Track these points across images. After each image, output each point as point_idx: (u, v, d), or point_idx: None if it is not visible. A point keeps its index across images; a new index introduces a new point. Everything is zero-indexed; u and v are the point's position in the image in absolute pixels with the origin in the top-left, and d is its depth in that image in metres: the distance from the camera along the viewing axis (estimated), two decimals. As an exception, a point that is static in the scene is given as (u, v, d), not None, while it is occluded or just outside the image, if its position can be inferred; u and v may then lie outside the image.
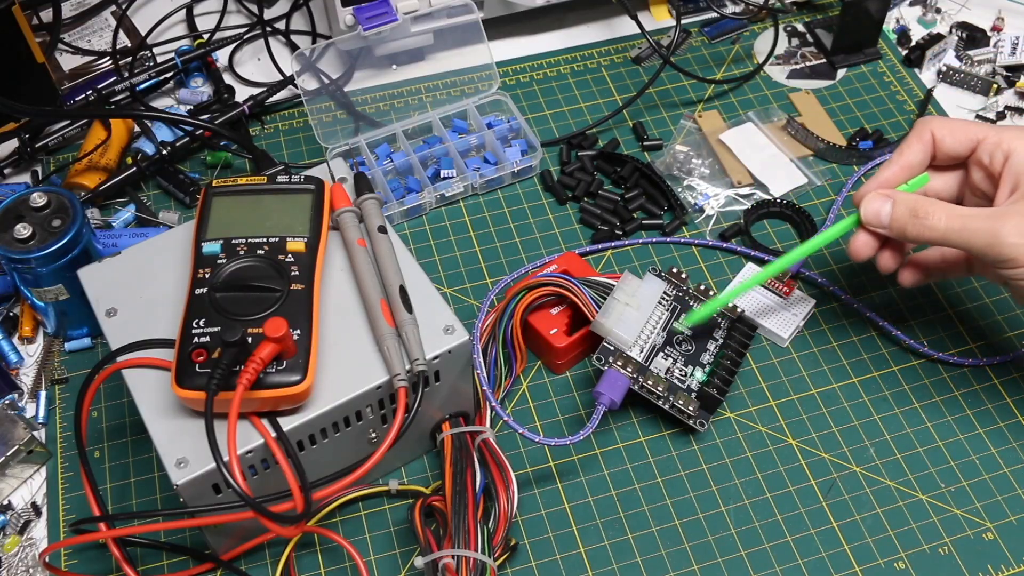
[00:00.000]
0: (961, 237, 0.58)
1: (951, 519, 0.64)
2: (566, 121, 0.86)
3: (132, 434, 0.67)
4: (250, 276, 0.57)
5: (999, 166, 0.60)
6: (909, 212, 0.60)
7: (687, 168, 0.82)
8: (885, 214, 0.61)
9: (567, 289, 0.67)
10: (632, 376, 0.64)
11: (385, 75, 0.88)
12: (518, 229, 0.79)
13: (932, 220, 0.59)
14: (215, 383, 0.51)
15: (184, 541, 0.62)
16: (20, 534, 0.63)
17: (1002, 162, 0.60)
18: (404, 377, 0.56)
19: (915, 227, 0.59)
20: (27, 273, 0.66)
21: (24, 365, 0.71)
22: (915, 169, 0.63)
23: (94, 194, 0.78)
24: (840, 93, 0.88)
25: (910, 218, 0.59)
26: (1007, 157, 0.59)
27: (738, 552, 0.62)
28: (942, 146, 0.62)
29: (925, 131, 0.63)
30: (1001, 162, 0.60)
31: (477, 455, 0.61)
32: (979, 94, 0.88)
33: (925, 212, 0.59)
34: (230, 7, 0.95)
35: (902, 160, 0.63)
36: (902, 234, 0.60)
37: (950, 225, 0.58)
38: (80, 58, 0.91)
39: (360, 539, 0.63)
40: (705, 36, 0.93)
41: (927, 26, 0.94)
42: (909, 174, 0.63)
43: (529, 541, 0.63)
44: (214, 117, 0.83)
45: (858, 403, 0.69)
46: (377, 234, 0.61)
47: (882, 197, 0.61)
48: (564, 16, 0.95)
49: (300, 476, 0.53)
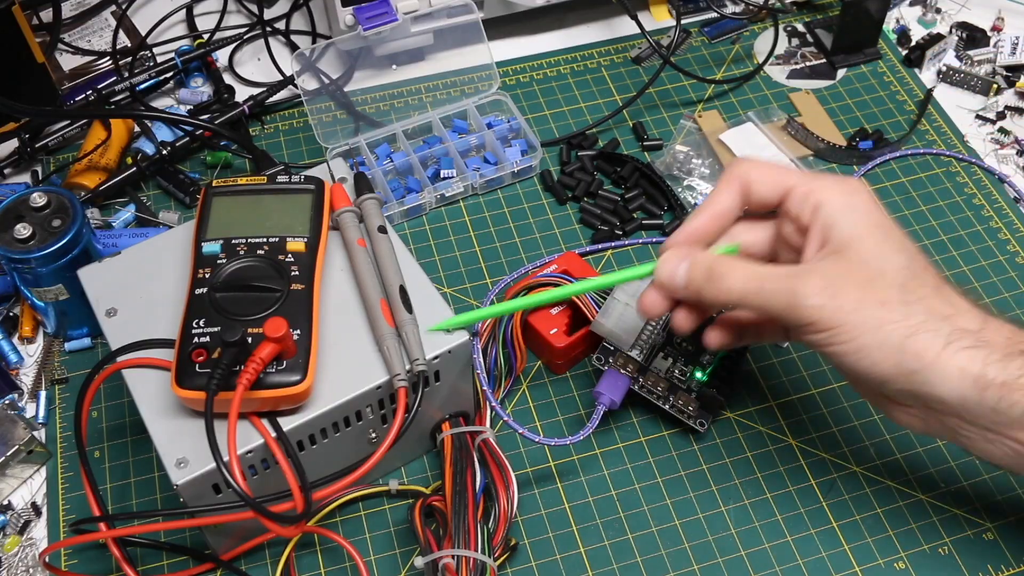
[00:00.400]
0: (759, 299, 0.52)
1: (951, 519, 0.64)
2: (566, 121, 0.86)
3: (132, 434, 0.67)
4: (250, 276, 0.57)
5: (807, 218, 0.53)
6: (705, 273, 0.53)
7: (687, 168, 0.82)
8: (681, 275, 0.54)
9: (567, 289, 0.67)
10: (632, 376, 0.64)
11: (385, 75, 0.88)
12: (518, 229, 0.79)
13: (728, 282, 0.52)
14: (215, 383, 0.51)
15: (184, 541, 0.62)
16: (20, 534, 0.63)
17: (810, 214, 0.53)
18: (404, 377, 0.56)
19: (711, 290, 0.53)
20: (27, 273, 0.66)
21: (24, 365, 0.71)
22: (726, 217, 0.56)
23: (94, 194, 0.78)
24: (840, 93, 0.88)
25: (705, 281, 0.53)
26: (816, 209, 0.53)
27: (738, 552, 0.62)
28: (753, 192, 0.55)
29: (735, 175, 0.56)
30: (810, 214, 0.53)
31: (477, 455, 0.61)
32: (979, 94, 0.88)
33: (721, 273, 0.53)
34: (230, 7, 0.95)
35: (711, 208, 0.56)
36: (698, 297, 0.54)
37: (747, 287, 0.52)
38: (80, 58, 0.91)
39: (360, 539, 0.63)
40: (705, 36, 0.93)
41: (927, 26, 0.94)
42: (720, 223, 0.56)
43: (529, 541, 0.63)
44: (214, 117, 0.83)
45: (858, 403, 0.69)
46: (377, 234, 0.61)
47: (679, 256, 0.54)
48: (564, 16, 0.95)
49: (300, 476, 0.53)
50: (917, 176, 0.82)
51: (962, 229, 0.79)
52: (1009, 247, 0.77)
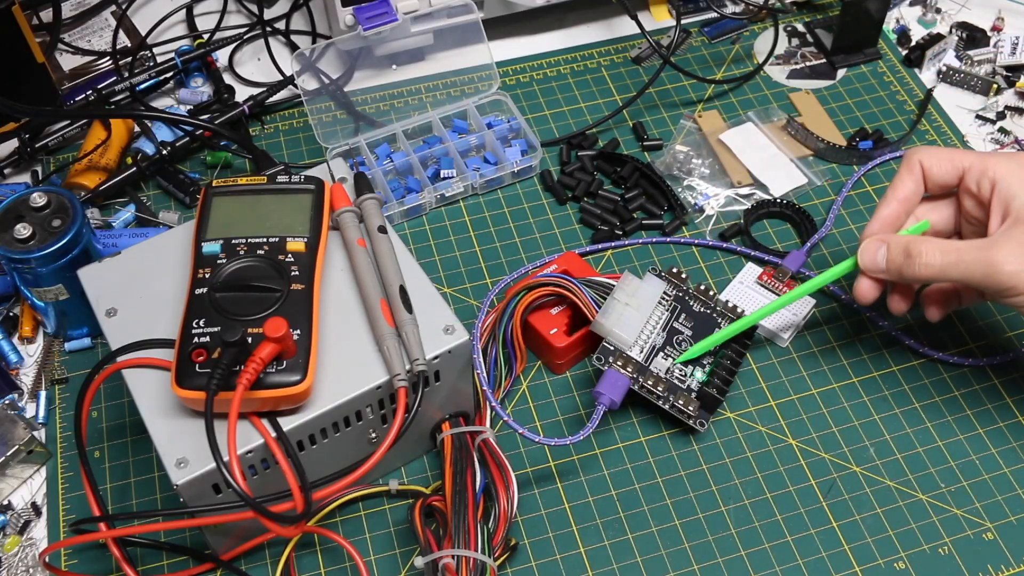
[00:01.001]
0: (958, 271, 0.58)
1: (951, 519, 0.64)
2: (566, 121, 0.86)
3: (132, 434, 0.67)
4: (250, 276, 0.57)
5: (987, 194, 0.60)
6: (903, 253, 0.60)
7: (687, 168, 0.82)
8: (881, 258, 0.61)
9: (567, 289, 0.67)
10: (632, 376, 0.64)
11: (385, 75, 0.88)
12: (518, 229, 0.79)
13: (926, 258, 0.59)
14: (215, 383, 0.51)
15: (184, 541, 0.62)
16: (20, 534, 0.63)
17: (990, 190, 0.60)
18: (404, 377, 0.56)
19: (911, 267, 0.60)
20: (27, 273, 0.66)
21: (24, 365, 0.71)
22: (910, 201, 0.64)
23: (94, 194, 0.78)
24: (840, 93, 0.88)
25: (905, 259, 0.60)
26: (993, 184, 0.60)
27: (738, 552, 0.62)
28: (931, 176, 0.63)
29: (914, 162, 0.63)
30: (989, 190, 0.60)
31: (477, 455, 0.61)
32: (979, 94, 0.88)
33: (918, 251, 0.59)
34: (230, 7, 0.95)
35: (896, 194, 0.63)
36: (899, 275, 0.61)
37: (944, 260, 0.58)
38: (80, 58, 0.91)
39: (360, 539, 0.63)
40: (705, 36, 0.93)
41: (927, 26, 0.94)
42: (906, 207, 0.64)
43: (529, 541, 0.63)
44: (214, 117, 0.83)
45: (858, 403, 0.69)
46: (377, 234, 0.61)
47: (877, 242, 0.62)
48: (564, 16, 0.95)
49: (300, 476, 0.53)
50: (917, 176, 0.82)
51: (962, 229, 0.79)
52: (1009, 247, 0.77)
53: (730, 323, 0.68)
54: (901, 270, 0.60)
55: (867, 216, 0.79)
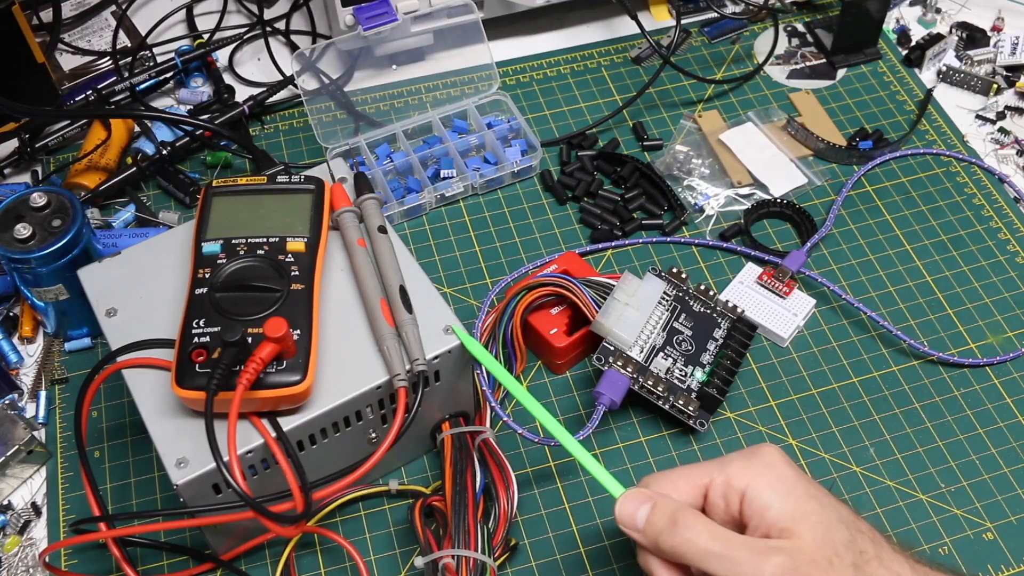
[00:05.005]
0: (721, 564, 0.47)
1: (951, 519, 0.64)
2: (566, 121, 0.86)
3: (132, 434, 0.67)
4: (250, 276, 0.57)
5: (736, 508, 0.49)
6: (668, 519, 0.49)
7: (687, 168, 0.82)
8: (641, 517, 0.50)
9: (567, 289, 0.67)
10: (632, 376, 0.64)
11: (385, 75, 0.88)
12: (518, 229, 0.78)
13: (692, 533, 0.48)
14: (215, 383, 0.51)
15: (184, 541, 0.62)
16: (20, 534, 0.63)
17: (739, 503, 0.49)
18: (404, 377, 0.56)
19: (671, 538, 0.48)
20: (27, 273, 0.66)
21: (24, 365, 0.71)
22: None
23: (94, 194, 0.78)
24: (840, 93, 0.88)
25: (668, 525, 0.48)
26: (742, 497, 0.49)
27: (738, 552, 0.62)
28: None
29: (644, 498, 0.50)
30: (738, 503, 0.49)
31: (477, 455, 0.61)
32: (979, 94, 0.88)
33: (687, 523, 0.48)
34: (230, 7, 0.95)
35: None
36: (655, 543, 0.49)
37: (710, 546, 0.47)
38: (80, 58, 0.91)
39: (360, 539, 0.63)
40: (705, 36, 0.93)
41: (927, 26, 0.94)
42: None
43: (529, 541, 0.63)
44: (214, 117, 0.83)
45: (858, 403, 0.69)
46: (377, 234, 0.61)
47: (644, 497, 0.50)
48: (564, 16, 0.95)
49: (300, 476, 0.53)
50: (917, 176, 0.82)
51: (962, 229, 0.79)
52: (1009, 247, 0.77)
53: (730, 323, 0.68)
54: (659, 537, 0.49)
55: (867, 216, 0.79)
